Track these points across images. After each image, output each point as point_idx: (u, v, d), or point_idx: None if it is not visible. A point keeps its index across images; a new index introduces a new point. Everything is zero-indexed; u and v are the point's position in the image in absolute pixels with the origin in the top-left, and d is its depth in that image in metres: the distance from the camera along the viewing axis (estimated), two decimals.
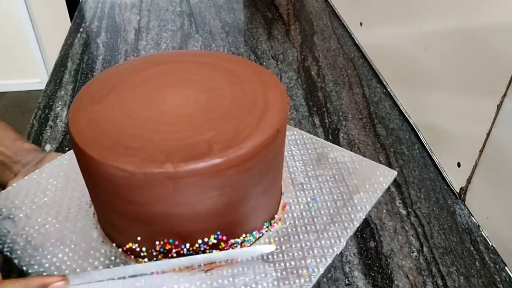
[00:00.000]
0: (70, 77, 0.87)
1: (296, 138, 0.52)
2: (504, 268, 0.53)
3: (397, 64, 0.80)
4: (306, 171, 0.48)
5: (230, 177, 0.34)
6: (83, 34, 1.04)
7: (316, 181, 0.47)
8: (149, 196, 0.33)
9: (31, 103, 2.17)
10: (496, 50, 0.52)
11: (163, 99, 0.39)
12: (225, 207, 0.36)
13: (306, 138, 0.52)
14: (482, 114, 0.54)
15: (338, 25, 1.08)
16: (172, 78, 0.41)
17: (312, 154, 0.49)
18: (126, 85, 0.40)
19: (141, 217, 0.36)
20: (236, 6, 1.18)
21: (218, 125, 0.36)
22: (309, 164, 0.49)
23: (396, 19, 0.79)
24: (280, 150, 0.41)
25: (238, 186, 0.35)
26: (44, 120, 0.75)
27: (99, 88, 0.41)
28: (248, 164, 0.34)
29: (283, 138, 0.40)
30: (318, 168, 0.48)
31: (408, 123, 0.75)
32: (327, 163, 0.48)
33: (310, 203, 0.45)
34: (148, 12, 1.14)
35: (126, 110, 0.37)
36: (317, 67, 0.91)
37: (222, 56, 0.46)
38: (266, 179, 0.38)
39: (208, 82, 0.40)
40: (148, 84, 0.40)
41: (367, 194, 0.46)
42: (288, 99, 0.40)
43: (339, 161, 0.49)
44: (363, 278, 0.51)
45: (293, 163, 0.49)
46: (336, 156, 0.49)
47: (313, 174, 0.47)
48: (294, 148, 0.50)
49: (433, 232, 0.57)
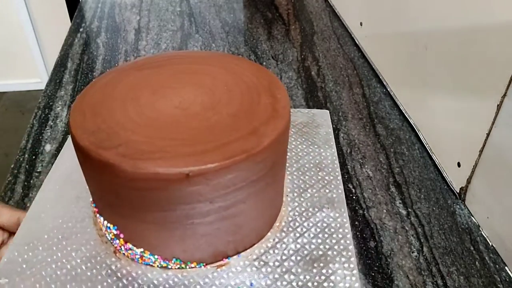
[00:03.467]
0: (70, 77, 0.87)
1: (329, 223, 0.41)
2: (504, 268, 0.53)
3: (397, 64, 0.80)
4: (285, 258, 0.38)
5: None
6: (83, 34, 1.04)
7: (285, 274, 0.37)
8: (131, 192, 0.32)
9: (31, 103, 2.17)
10: (496, 50, 0.52)
11: (169, 98, 0.37)
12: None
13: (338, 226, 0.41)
14: (482, 114, 0.54)
15: (338, 25, 1.08)
16: (177, 78, 0.40)
17: (315, 251, 0.39)
18: (131, 84, 0.39)
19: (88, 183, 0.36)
20: (236, 6, 1.18)
21: (227, 125, 0.34)
22: (300, 255, 0.39)
23: (396, 19, 0.79)
24: (277, 163, 0.37)
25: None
26: (44, 120, 0.75)
27: (101, 88, 0.39)
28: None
29: (283, 149, 0.37)
30: (303, 267, 0.37)
31: (408, 123, 0.75)
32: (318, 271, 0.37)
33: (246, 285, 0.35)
34: (148, 12, 1.14)
35: (131, 109, 0.36)
36: (317, 67, 0.91)
37: (225, 56, 0.44)
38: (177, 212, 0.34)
39: (213, 83, 0.39)
40: (153, 83, 0.39)
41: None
42: (288, 98, 0.39)
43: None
44: (363, 278, 0.51)
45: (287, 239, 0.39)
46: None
47: (288, 267, 0.37)
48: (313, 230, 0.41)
49: (433, 232, 0.57)
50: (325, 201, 0.42)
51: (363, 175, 0.65)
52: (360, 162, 0.67)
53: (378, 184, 0.63)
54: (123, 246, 0.36)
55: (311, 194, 0.43)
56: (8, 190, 0.62)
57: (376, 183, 0.63)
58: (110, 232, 0.37)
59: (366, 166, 0.66)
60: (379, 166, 0.67)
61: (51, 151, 0.69)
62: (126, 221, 0.35)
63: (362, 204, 0.60)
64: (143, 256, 0.35)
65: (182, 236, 0.34)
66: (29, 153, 0.68)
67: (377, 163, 0.67)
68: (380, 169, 0.66)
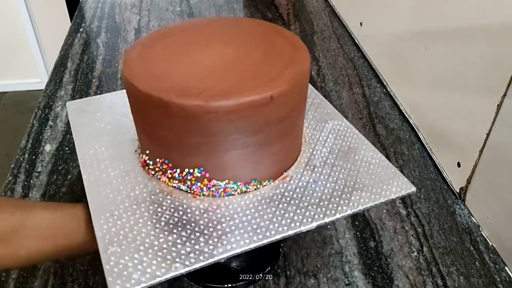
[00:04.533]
0: (70, 77, 0.87)
1: (339, 129, 0.52)
2: (504, 268, 0.53)
3: (397, 64, 0.80)
4: (327, 158, 0.48)
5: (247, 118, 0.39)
6: (83, 34, 1.04)
7: (329, 169, 0.47)
8: (170, 122, 0.39)
9: (31, 103, 2.17)
10: (496, 50, 0.52)
11: (207, 52, 0.45)
12: (210, 150, 0.40)
13: (347, 129, 0.53)
14: (482, 114, 0.54)
15: (338, 25, 1.08)
16: (209, 37, 0.48)
17: (343, 146, 0.50)
18: (176, 41, 0.47)
19: (153, 135, 0.43)
20: (236, 6, 1.18)
21: (256, 71, 0.41)
22: (335, 152, 0.49)
23: (396, 19, 0.79)
24: (297, 107, 0.44)
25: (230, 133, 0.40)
26: (44, 120, 0.75)
27: (149, 43, 0.46)
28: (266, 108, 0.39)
29: (302, 95, 0.44)
30: (340, 159, 0.49)
31: (408, 123, 0.75)
32: (352, 158, 0.49)
33: (310, 183, 0.45)
34: (148, 12, 1.14)
35: (174, 59, 0.43)
36: (317, 67, 0.91)
37: (253, 21, 0.52)
38: (262, 135, 0.41)
39: (244, 40, 0.47)
40: (196, 41, 0.47)
41: (367, 195, 0.45)
42: (307, 52, 0.45)
43: (364, 160, 0.49)
44: (363, 278, 0.51)
45: (320, 148, 0.50)
46: (365, 156, 0.49)
47: (331, 163, 0.48)
48: (331, 136, 0.51)
49: (433, 232, 0.57)
50: (326, 116, 0.54)
51: None
52: None
53: None
54: (205, 186, 0.42)
55: (313, 116, 0.55)
56: (8, 190, 0.62)
57: None
58: (192, 176, 0.42)
59: None
60: None
61: (51, 151, 0.69)
62: (211, 159, 0.41)
63: None
64: (227, 188, 0.43)
65: (257, 159, 0.42)
66: (29, 153, 0.68)
67: None
68: None
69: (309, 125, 0.53)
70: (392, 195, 0.44)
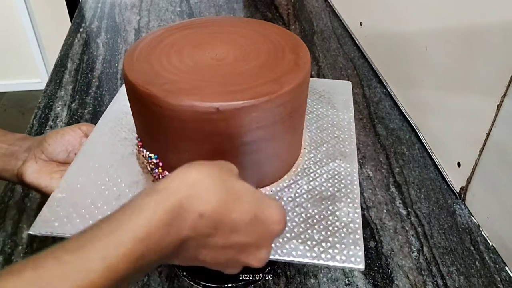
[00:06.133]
0: (70, 77, 0.87)
1: (340, 171, 0.47)
2: (504, 268, 0.53)
3: (397, 64, 0.80)
4: (304, 194, 0.44)
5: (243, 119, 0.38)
6: (83, 34, 1.04)
7: (298, 206, 0.42)
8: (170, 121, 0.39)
9: (31, 103, 2.17)
10: (496, 50, 0.52)
11: (206, 51, 0.45)
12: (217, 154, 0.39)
13: (348, 175, 0.46)
14: (482, 114, 0.54)
15: (338, 25, 1.08)
16: (214, 37, 0.48)
17: (327, 191, 0.45)
18: (175, 40, 0.46)
19: (152, 135, 0.42)
20: (236, 6, 1.18)
21: (254, 74, 0.41)
22: (314, 192, 0.44)
23: (396, 19, 0.79)
24: (296, 113, 0.42)
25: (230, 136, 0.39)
26: (44, 120, 0.75)
27: (150, 42, 0.46)
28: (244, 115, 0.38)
29: (303, 95, 0.43)
30: (314, 202, 0.43)
31: (408, 123, 0.75)
32: (325, 207, 0.43)
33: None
34: (148, 12, 1.14)
35: (174, 58, 0.43)
36: (317, 67, 0.91)
37: (256, 21, 0.52)
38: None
39: (245, 41, 0.47)
40: (194, 40, 0.47)
41: (307, 249, 0.39)
42: (308, 52, 0.44)
43: (336, 214, 0.42)
44: (363, 278, 0.51)
45: (303, 181, 0.45)
46: (341, 210, 0.42)
47: (302, 201, 0.43)
48: (325, 175, 0.46)
49: (433, 232, 0.57)
50: (339, 154, 0.49)
51: (363, 175, 0.65)
52: (360, 162, 0.67)
53: (378, 184, 0.63)
54: (161, 174, 0.43)
55: (327, 148, 0.50)
56: (8, 190, 0.62)
57: (376, 183, 0.63)
58: (151, 162, 0.43)
59: (366, 166, 0.67)
60: (379, 166, 0.67)
61: None
62: (165, 151, 0.41)
63: (362, 204, 0.60)
64: None
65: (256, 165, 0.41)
66: None
67: (377, 163, 0.67)
68: (380, 169, 0.66)
69: (317, 154, 0.48)
70: (331, 262, 0.37)
